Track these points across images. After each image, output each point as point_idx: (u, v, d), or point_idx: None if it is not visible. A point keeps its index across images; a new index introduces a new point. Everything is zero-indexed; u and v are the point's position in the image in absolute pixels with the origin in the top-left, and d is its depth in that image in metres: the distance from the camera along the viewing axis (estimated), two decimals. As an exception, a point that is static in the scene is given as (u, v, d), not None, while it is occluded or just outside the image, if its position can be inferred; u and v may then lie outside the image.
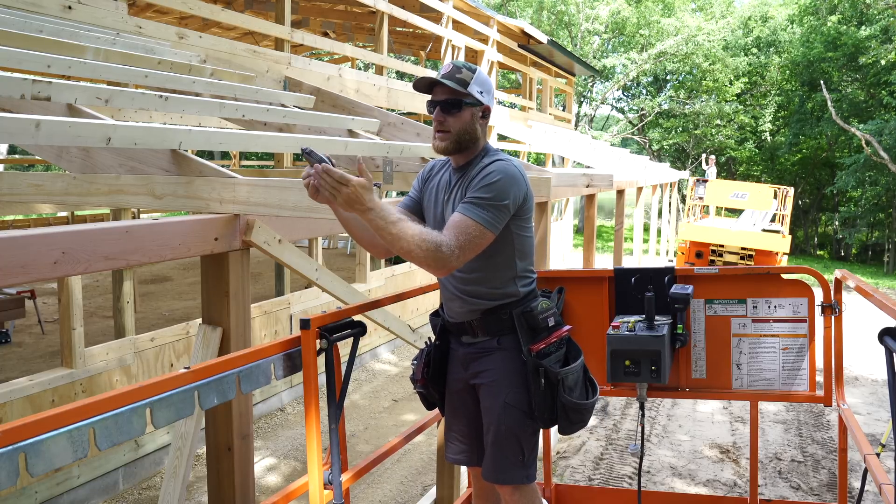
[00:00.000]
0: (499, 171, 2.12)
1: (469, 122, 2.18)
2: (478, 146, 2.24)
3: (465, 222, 2.05)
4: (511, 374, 2.20)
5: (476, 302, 2.24)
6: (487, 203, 2.07)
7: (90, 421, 1.42)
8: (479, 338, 2.27)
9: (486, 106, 2.21)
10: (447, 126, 2.17)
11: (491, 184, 2.09)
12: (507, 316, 2.23)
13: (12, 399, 4.13)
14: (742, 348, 2.87)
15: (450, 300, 2.32)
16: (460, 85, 2.14)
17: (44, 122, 2.42)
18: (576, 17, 26.45)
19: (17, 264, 2.05)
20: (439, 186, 2.31)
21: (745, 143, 27.82)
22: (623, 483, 4.71)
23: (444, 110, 2.16)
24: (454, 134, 2.17)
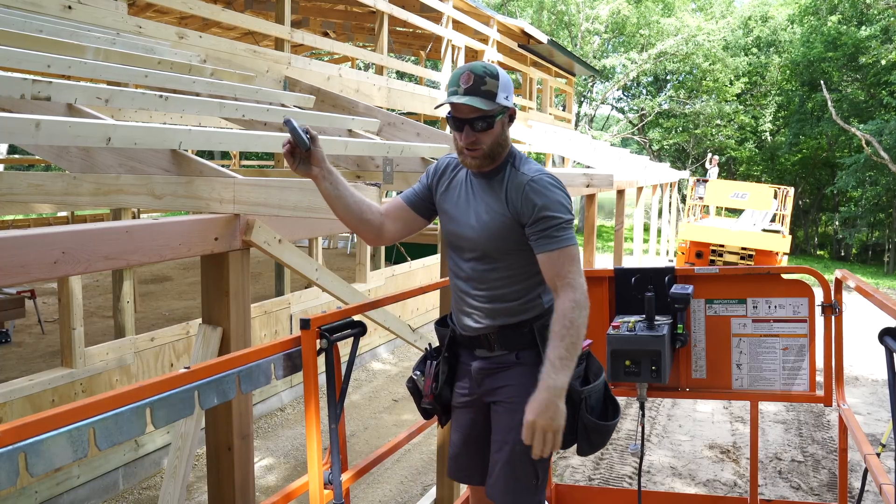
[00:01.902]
0: (551, 184, 2.02)
1: (500, 133, 2.05)
2: (506, 151, 2.11)
3: (563, 255, 1.98)
4: (529, 391, 2.01)
5: (497, 316, 2.12)
6: (564, 222, 2.00)
7: (90, 421, 1.42)
8: (496, 352, 2.15)
9: (511, 110, 2.08)
10: (479, 144, 2.02)
11: (557, 203, 2.00)
12: (527, 330, 2.12)
13: (12, 399, 4.13)
14: (742, 348, 2.86)
15: (465, 313, 2.18)
16: (488, 99, 1.98)
17: (44, 121, 2.42)
18: (576, 17, 26.45)
19: (17, 264, 2.05)
20: (461, 189, 2.17)
21: (746, 143, 27.81)
22: (623, 483, 4.71)
23: (474, 128, 2.01)
24: (487, 149, 2.03)
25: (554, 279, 1.99)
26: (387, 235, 2.23)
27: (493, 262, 2.10)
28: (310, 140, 2.03)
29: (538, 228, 2.00)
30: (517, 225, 2.03)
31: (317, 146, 2.06)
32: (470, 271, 2.14)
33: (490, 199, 2.08)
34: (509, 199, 2.04)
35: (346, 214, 2.15)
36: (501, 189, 2.06)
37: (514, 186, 2.04)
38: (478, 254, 2.11)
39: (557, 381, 1.90)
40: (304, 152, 2.04)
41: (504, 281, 2.10)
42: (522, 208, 2.01)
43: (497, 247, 2.07)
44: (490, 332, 2.14)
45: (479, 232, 2.08)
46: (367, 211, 2.17)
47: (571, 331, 1.91)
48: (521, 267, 2.09)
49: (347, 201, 2.13)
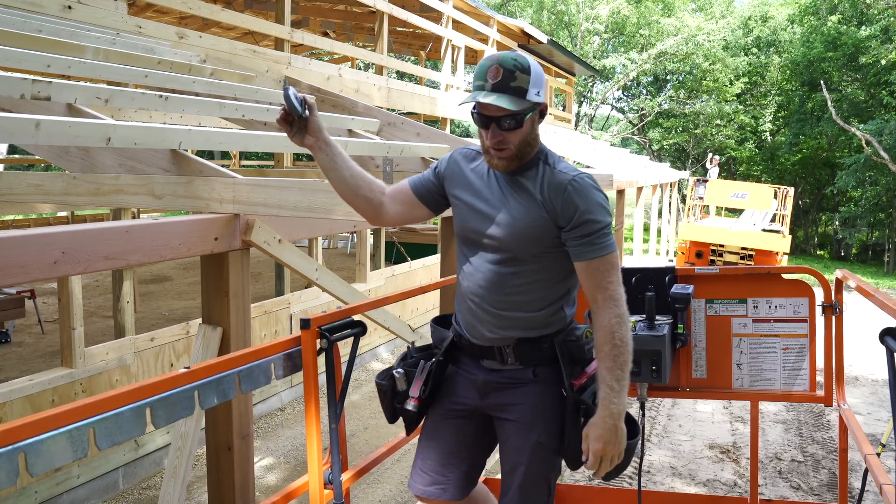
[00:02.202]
0: (593, 186, 1.88)
1: (530, 130, 1.88)
2: (536, 149, 1.94)
3: (606, 263, 1.85)
4: (546, 410, 1.93)
5: (516, 327, 1.95)
6: (606, 227, 1.86)
7: (90, 421, 1.42)
8: (509, 366, 1.98)
9: (543, 105, 1.89)
10: (506, 143, 1.85)
11: (599, 206, 1.86)
12: (547, 344, 1.96)
13: (12, 399, 4.12)
14: (742, 348, 2.86)
15: (478, 321, 1.99)
16: (518, 96, 1.80)
17: (44, 121, 2.42)
18: (576, 17, 26.45)
19: (17, 264, 2.05)
20: (486, 182, 1.98)
21: (746, 143, 27.82)
22: (623, 483, 4.71)
23: (502, 127, 1.84)
24: (515, 149, 1.87)
25: (594, 291, 1.86)
26: (386, 216, 2.10)
27: (519, 265, 1.92)
28: (306, 108, 1.95)
29: (580, 234, 1.85)
30: (553, 227, 1.87)
31: (313, 115, 1.98)
32: (490, 274, 1.95)
33: (523, 196, 1.90)
34: (546, 198, 1.87)
35: (342, 188, 2.06)
36: (536, 187, 1.89)
37: (552, 185, 1.87)
38: (504, 255, 1.92)
39: (620, 404, 1.82)
40: (300, 121, 1.96)
41: (527, 287, 1.93)
42: (562, 210, 1.85)
43: (528, 249, 1.90)
44: (505, 343, 1.97)
45: (509, 230, 1.90)
46: (364, 187, 2.06)
47: (622, 349, 1.81)
48: (547, 273, 1.93)
49: (343, 174, 2.03)
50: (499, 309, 1.95)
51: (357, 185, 2.06)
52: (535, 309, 1.94)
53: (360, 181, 2.06)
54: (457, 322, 2.09)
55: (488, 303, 1.96)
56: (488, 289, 1.95)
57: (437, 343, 2.16)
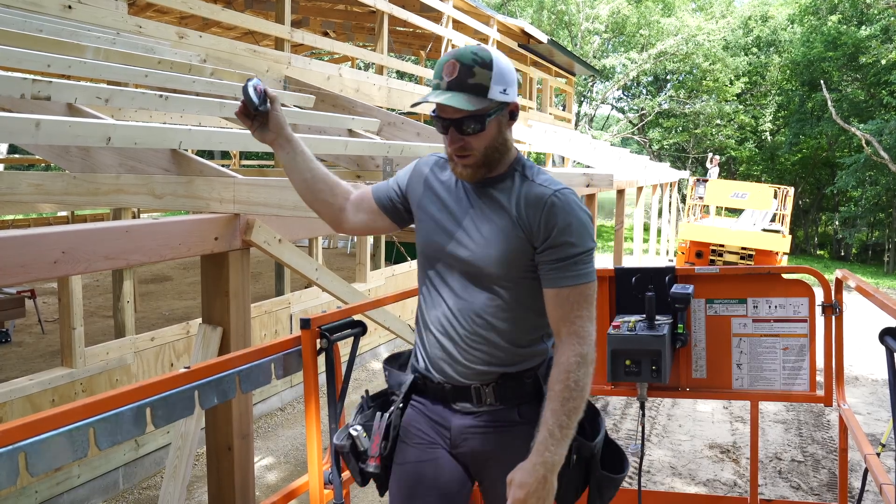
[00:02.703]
0: (577, 204, 1.66)
1: (496, 135, 1.65)
2: (508, 155, 1.72)
3: (578, 294, 1.63)
4: None
5: (495, 362, 1.71)
6: (586, 253, 1.65)
7: (90, 420, 1.42)
8: (486, 406, 1.73)
9: (512, 105, 1.68)
10: (469, 149, 1.64)
11: (581, 227, 1.64)
12: (531, 379, 1.74)
13: (12, 399, 4.12)
14: (742, 348, 2.86)
15: (449, 357, 1.73)
16: (478, 94, 1.59)
17: (44, 121, 2.42)
18: (576, 17, 26.45)
19: (18, 264, 2.05)
20: (453, 194, 1.76)
21: (746, 142, 27.82)
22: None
23: (462, 130, 1.63)
24: (480, 156, 1.65)
25: (559, 323, 1.64)
26: (347, 224, 1.93)
27: (494, 290, 1.69)
28: (267, 102, 1.83)
29: (554, 257, 1.63)
30: (530, 247, 1.65)
31: (275, 109, 1.85)
32: (461, 301, 1.71)
33: (496, 211, 1.68)
34: (522, 214, 1.65)
35: (302, 189, 1.91)
36: (511, 201, 1.67)
37: (529, 200, 1.65)
38: (476, 279, 1.69)
39: (556, 455, 1.56)
40: (261, 115, 1.85)
41: (506, 316, 1.70)
42: (539, 228, 1.63)
43: (502, 273, 1.67)
44: (484, 381, 1.72)
45: (480, 250, 1.68)
46: (325, 190, 1.90)
47: (575, 393, 1.58)
48: (529, 299, 1.70)
49: (304, 175, 1.88)
50: (474, 342, 1.70)
51: (317, 187, 1.90)
52: (516, 340, 1.71)
53: (322, 183, 1.90)
54: (419, 360, 1.81)
55: (461, 336, 1.71)
56: (461, 319, 1.71)
57: (395, 388, 1.88)
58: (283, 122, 1.88)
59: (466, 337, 1.71)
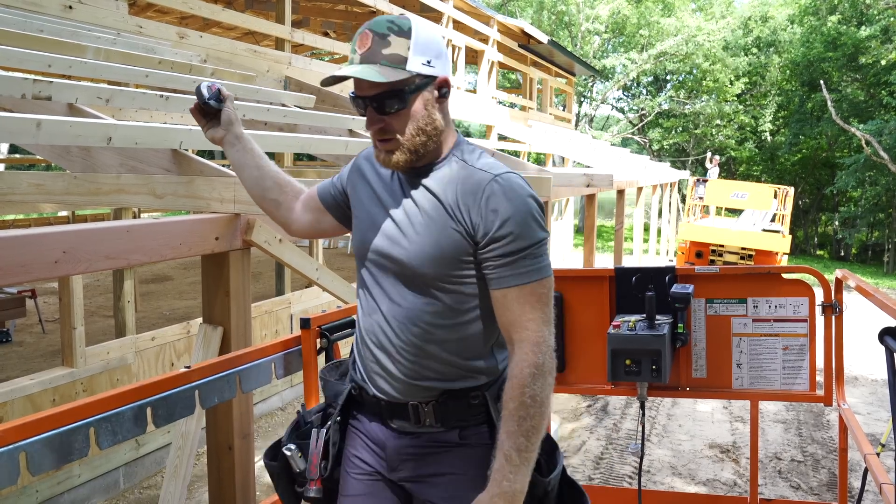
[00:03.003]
0: (522, 188, 1.43)
1: (422, 114, 1.44)
2: (443, 140, 1.51)
3: (530, 294, 1.41)
4: (478, 482, 1.42)
5: (435, 377, 1.49)
6: (536, 245, 1.43)
7: (91, 420, 1.43)
8: (427, 428, 1.51)
9: (441, 79, 1.46)
10: (390, 131, 1.44)
11: (529, 215, 1.42)
12: (477, 401, 1.50)
13: (13, 398, 4.13)
14: (742, 348, 2.87)
15: (384, 371, 1.52)
16: (394, 66, 1.39)
17: (45, 121, 2.43)
18: (576, 17, 26.45)
19: (18, 263, 2.05)
20: (385, 187, 1.56)
21: (745, 143, 27.83)
22: (623, 482, 4.71)
23: (380, 109, 1.43)
24: (406, 140, 1.44)
25: (509, 329, 1.43)
26: (295, 225, 1.78)
27: (433, 295, 1.47)
28: (219, 99, 1.77)
29: (498, 252, 1.41)
30: (469, 243, 1.44)
31: (226, 106, 1.79)
32: (397, 308, 1.50)
33: (429, 203, 1.47)
34: (457, 204, 1.44)
35: (250, 187, 1.79)
36: (445, 191, 1.46)
37: (466, 187, 1.44)
38: (411, 282, 1.48)
39: (516, 483, 1.35)
40: (215, 113, 1.80)
41: (448, 324, 1.48)
42: (479, 219, 1.41)
43: (439, 273, 1.45)
44: (423, 399, 1.50)
45: (413, 249, 1.46)
46: (273, 188, 1.77)
47: (533, 410, 1.36)
48: (472, 304, 1.49)
49: (252, 172, 1.77)
50: (411, 354, 1.49)
51: (265, 185, 1.77)
52: (461, 353, 1.49)
53: (270, 181, 1.77)
54: (355, 370, 1.61)
55: (396, 347, 1.50)
56: (396, 328, 1.49)
57: (332, 400, 1.69)
58: (232, 119, 1.81)
59: (402, 348, 1.49)
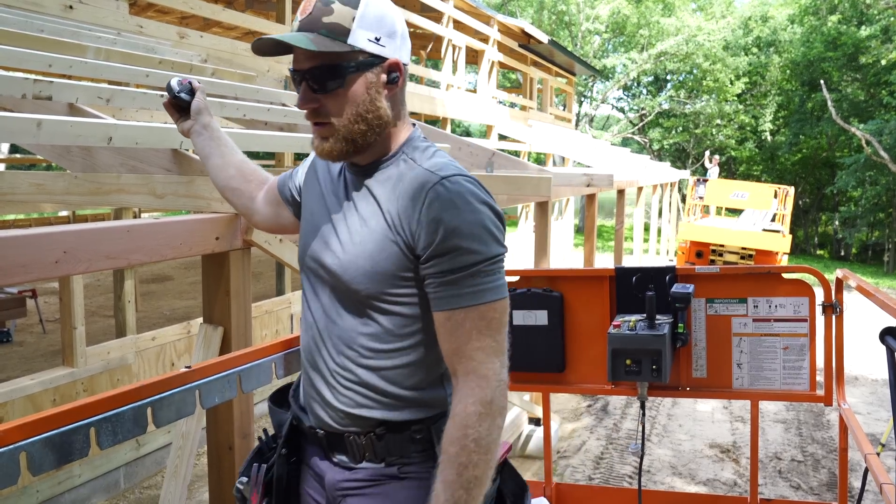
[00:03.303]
0: (473, 192, 1.23)
1: (364, 99, 1.26)
2: (391, 135, 1.32)
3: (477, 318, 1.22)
4: None
5: (374, 406, 1.31)
6: (488, 261, 1.22)
7: (91, 420, 1.43)
8: (366, 463, 1.33)
9: (391, 61, 1.28)
10: (324, 114, 1.27)
11: (479, 225, 1.21)
12: (421, 435, 1.31)
13: (13, 398, 4.13)
14: (743, 347, 2.87)
15: (318, 398, 1.36)
16: (334, 36, 1.22)
17: (45, 121, 2.43)
18: (576, 17, 26.45)
19: (19, 263, 2.05)
20: (330, 186, 1.39)
21: (746, 142, 27.84)
22: (623, 482, 4.71)
23: (315, 86, 1.26)
24: (341, 126, 1.26)
25: (453, 358, 1.23)
26: (256, 216, 1.65)
27: (367, 313, 1.29)
28: (188, 93, 1.72)
29: (442, 268, 1.21)
30: (408, 255, 1.25)
31: (195, 97, 1.71)
32: (333, 326, 1.33)
33: (369, 207, 1.29)
34: (397, 209, 1.24)
35: (214, 176, 1.69)
36: (388, 194, 1.27)
37: (408, 190, 1.24)
38: (344, 297, 1.31)
39: None
40: (186, 106, 1.74)
41: (384, 347, 1.30)
42: (419, 229, 1.21)
43: (375, 289, 1.26)
44: (362, 430, 1.32)
45: (347, 259, 1.28)
46: (236, 176, 1.65)
47: (476, 457, 1.17)
48: (414, 327, 1.30)
49: (216, 161, 1.67)
50: (346, 380, 1.31)
51: (227, 173, 1.65)
52: (401, 381, 1.30)
53: (233, 168, 1.65)
54: (296, 396, 1.46)
55: (332, 370, 1.33)
56: (331, 349, 1.33)
57: (277, 430, 1.51)
58: (201, 109, 1.71)
59: (337, 373, 1.32)
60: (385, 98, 1.29)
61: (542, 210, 5.00)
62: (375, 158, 1.32)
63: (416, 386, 1.32)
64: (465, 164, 4.95)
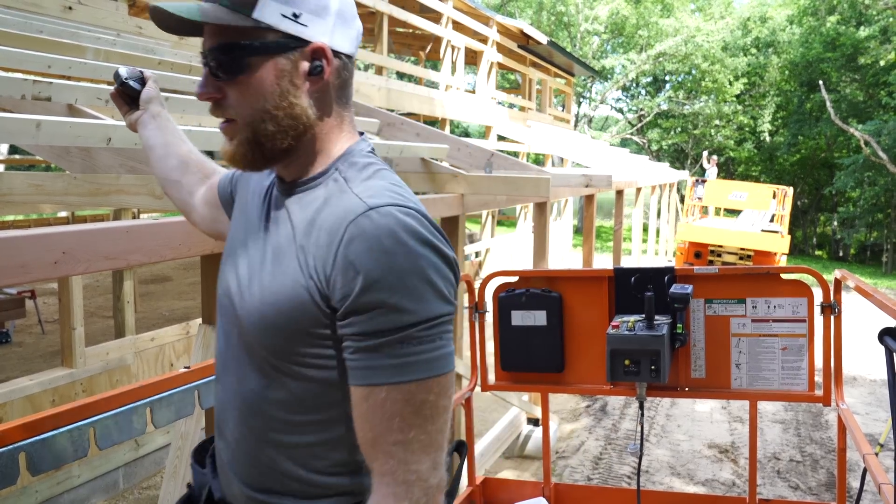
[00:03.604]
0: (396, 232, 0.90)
1: (272, 89, 0.98)
2: (322, 144, 1.03)
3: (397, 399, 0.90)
4: None
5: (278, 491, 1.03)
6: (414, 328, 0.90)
7: (90, 420, 1.43)
8: None
9: (315, 45, 1.00)
10: (226, 105, 1.01)
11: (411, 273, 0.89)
12: None
13: (12, 399, 4.13)
14: (741, 348, 2.87)
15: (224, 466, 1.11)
16: (237, 8, 0.97)
17: (44, 122, 2.43)
18: (575, 18, 26.47)
19: (18, 264, 2.05)
20: (254, 203, 1.12)
21: (744, 143, 27.87)
22: (622, 483, 4.72)
23: (215, 71, 1.00)
24: (244, 124, 1.00)
25: (369, 450, 0.93)
26: (194, 215, 1.42)
27: (271, 374, 1.01)
28: (138, 81, 1.55)
29: (361, 329, 0.91)
30: (323, 308, 0.94)
31: (147, 86, 1.53)
32: (236, 382, 1.06)
33: (285, 240, 1.00)
34: (317, 247, 0.94)
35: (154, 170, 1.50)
36: (307, 224, 0.98)
37: (328, 222, 0.94)
38: (249, 349, 1.03)
39: None
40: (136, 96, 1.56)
41: (292, 419, 1.01)
42: (336, 274, 0.91)
43: (279, 346, 0.98)
44: None
45: (251, 308, 1.00)
46: (178, 168, 1.43)
47: None
48: (332, 399, 0.99)
49: (159, 152, 1.45)
50: (248, 455, 1.05)
51: (169, 164, 1.43)
52: (311, 464, 1.01)
53: (175, 159, 1.43)
54: (213, 457, 1.19)
55: (236, 440, 1.07)
56: (238, 413, 1.06)
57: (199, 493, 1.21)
58: (151, 99, 1.51)
59: (240, 444, 1.06)
60: (306, 93, 1.01)
61: (541, 211, 5.00)
62: (301, 174, 1.04)
63: (334, 470, 1.01)
64: (464, 164, 4.95)
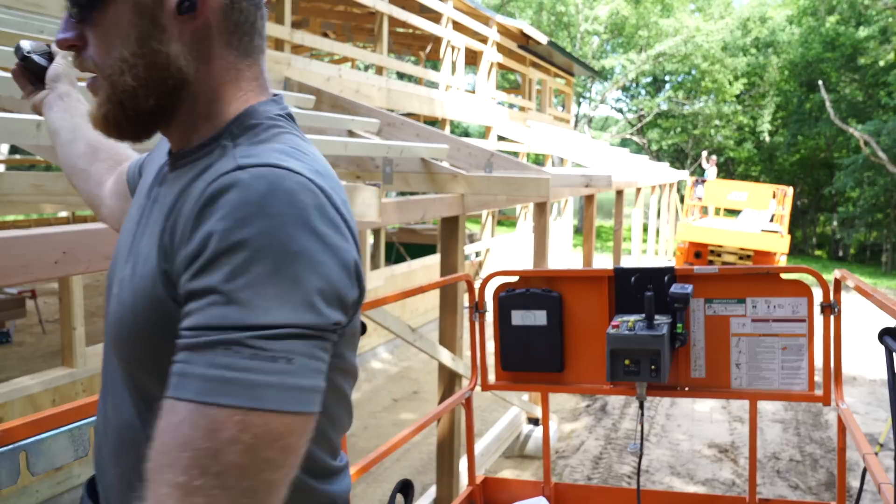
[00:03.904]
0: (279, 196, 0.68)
1: (126, 31, 0.79)
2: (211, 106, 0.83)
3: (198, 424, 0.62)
4: None
5: None
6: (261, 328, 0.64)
7: (91, 420, 1.43)
8: None
9: None
10: (87, 58, 0.84)
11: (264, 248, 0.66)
12: None
13: (13, 398, 4.13)
14: (741, 348, 2.87)
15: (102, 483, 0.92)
16: None
17: (44, 122, 2.43)
18: (575, 18, 26.47)
19: (18, 264, 2.06)
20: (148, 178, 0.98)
21: (744, 143, 27.88)
22: (622, 482, 4.72)
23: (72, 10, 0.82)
24: (103, 77, 0.82)
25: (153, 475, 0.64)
26: (103, 210, 1.25)
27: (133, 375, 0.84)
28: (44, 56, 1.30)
29: (189, 322, 0.67)
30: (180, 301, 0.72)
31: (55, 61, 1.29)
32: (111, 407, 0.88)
33: (157, 222, 0.81)
34: (174, 227, 0.76)
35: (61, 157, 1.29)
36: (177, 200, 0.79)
37: (192, 193, 0.76)
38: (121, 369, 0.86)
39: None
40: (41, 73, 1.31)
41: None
42: (182, 251, 0.72)
43: (136, 342, 0.80)
44: None
45: (113, 311, 0.85)
46: (87, 155, 1.24)
47: None
48: None
49: (66, 136, 1.25)
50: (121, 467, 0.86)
51: (77, 151, 1.24)
52: None
53: (83, 145, 1.24)
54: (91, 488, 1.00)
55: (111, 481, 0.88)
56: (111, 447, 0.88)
57: None
58: (58, 76, 1.28)
59: (114, 487, 0.87)
60: (176, 38, 0.80)
61: (541, 211, 5.01)
62: (185, 142, 0.85)
63: None
64: (464, 164, 4.95)
